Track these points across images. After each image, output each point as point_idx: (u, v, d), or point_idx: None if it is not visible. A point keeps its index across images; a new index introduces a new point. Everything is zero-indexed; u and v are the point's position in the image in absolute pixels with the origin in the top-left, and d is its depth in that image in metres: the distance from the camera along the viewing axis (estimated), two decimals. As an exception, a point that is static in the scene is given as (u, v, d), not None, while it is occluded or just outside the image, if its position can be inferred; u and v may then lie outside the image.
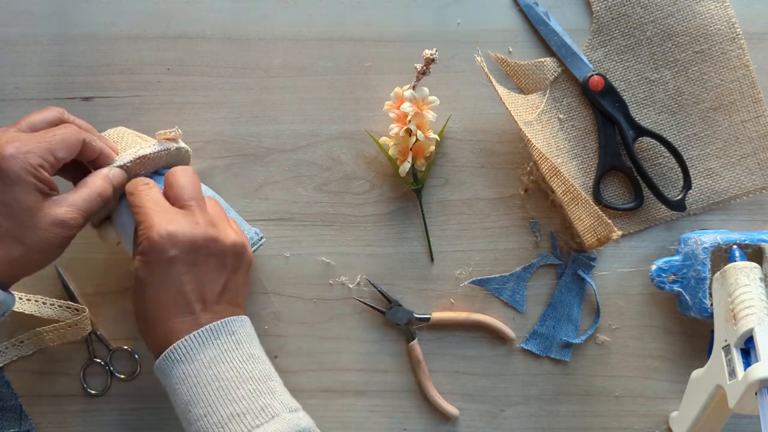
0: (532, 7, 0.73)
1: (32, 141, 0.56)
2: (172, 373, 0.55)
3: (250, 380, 0.55)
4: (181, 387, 0.55)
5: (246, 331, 0.58)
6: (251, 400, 0.54)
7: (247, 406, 0.54)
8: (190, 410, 0.54)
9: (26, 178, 0.54)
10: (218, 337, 0.56)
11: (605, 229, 0.67)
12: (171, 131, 0.64)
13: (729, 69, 0.72)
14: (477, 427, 0.72)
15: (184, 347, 0.55)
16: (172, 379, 0.55)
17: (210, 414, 0.53)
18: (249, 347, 0.57)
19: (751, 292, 0.61)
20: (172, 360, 0.55)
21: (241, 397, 0.54)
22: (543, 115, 0.72)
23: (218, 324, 0.56)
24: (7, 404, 0.70)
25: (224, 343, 0.56)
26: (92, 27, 0.73)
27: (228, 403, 0.54)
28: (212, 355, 0.55)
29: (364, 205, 0.72)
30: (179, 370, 0.55)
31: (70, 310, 0.69)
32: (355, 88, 0.73)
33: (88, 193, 0.58)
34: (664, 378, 0.72)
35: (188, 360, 0.55)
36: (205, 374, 0.54)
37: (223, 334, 0.56)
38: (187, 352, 0.55)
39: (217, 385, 0.54)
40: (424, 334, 0.72)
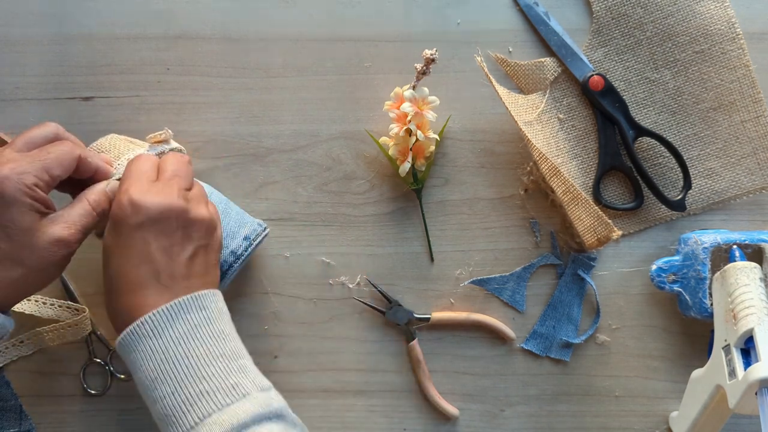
0: (532, 7, 0.73)
1: (26, 161, 0.55)
2: (138, 348, 0.53)
3: (220, 358, 0.54)
4: (148, 363, 0.53)
5: (218, 306, 0.57)
6: (222, 378, 0.53)
7: (217, 384, 0.53)
8: (157, 387, 0.53)
9: (22, 199, 0.54)
10: (188, 312, 0.55)
11: (605, 229, 0.67)
12: (161, 133, 0.64)
13: (729, 69, 0.72)
14: (477, 427, 0.72)
15: (152, 321, 0.53)
16: (138, 355, 0.53)
17: (178, 392, 0.52)
18: (220, 324, 0.56)
19: (751, 292, 0.61)
20: (139, 335, 0.53)
21: (212, 375, 0.53)
22: (543, 115, 0.72)
23: (189, 298, 0.55)
24: (7, 404, 0.70)
25: (195, 319, 0.55)
26: (92, 27, 0.73)
27: (197, 380, 0.52)
28: (182, 331, 0.54)
29: (364, 205, 0.72)
30: (146, 345, 0.53)
31: (70, 310, 0.69)
32: (355, 88, 0.73)
33: (84, 209, 0.58)
34: (664, 378, 0.72)
35: (156, 335, 0.53)
36: (174, 351, 0.53)
37: (194, 309, 0.55)
38: (155, 327, 0.53)
39: (187, 363, 0.53)
40: (424, 334, 0.72)
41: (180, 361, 0.53)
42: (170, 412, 0.52)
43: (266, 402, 0.53)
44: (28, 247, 0.55)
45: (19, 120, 0.72)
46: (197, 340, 0.54)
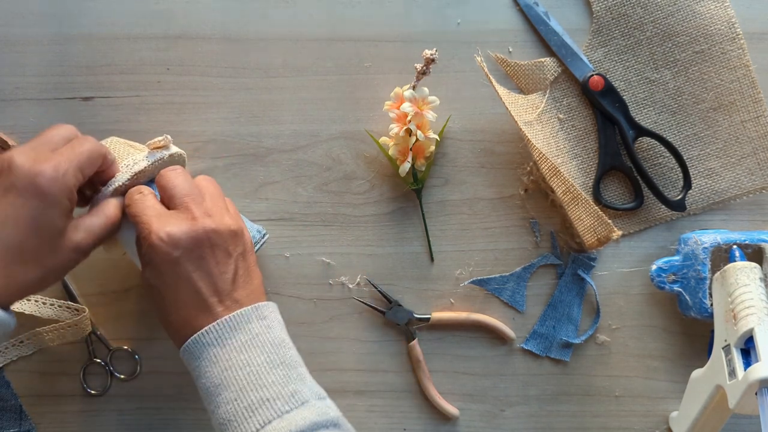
0: (532, 7, 0.73)
1: (64, 160, 0.55)
2: (203, 355, 0.55)
3: (280, 366, 0.55)
4: (212, 369, 0.54)
5: (276, 316, 0.58)
6: (281, 385, 0.54)
7: (277, 391, 0.54)
8: (220, 393, 0.54)
9: (64, 202, 0.54)
10: (249, 322, 0.56)
11: (605, 229, 0.67)
12: (160, 139, 0.64)
13: (729, 69, 0.72)
14: (477, 427, 0.72)
15: (216, 331, 0.55)
16: (203, 362, 0.55)
17: (240, 398, 0.53)
18: (280, 332, 0.57)
19: (751, 292, 0.61)
20: (203, 343, 0.55)
21: (272, 383, 0.54)
22: (543, 115, 0.72)
23: (249, 309, 0.56)
24: (7, 404, 0.70)
25: (255, 328, 0.56)
26: (92, 27, 0.73)
27: (259, 387, 0.54)
28: (244, 340, 0.55)
29: (364, 205, 0.72)
30: (211, 352, 0.55)
31: (70, 310, 0.69)
32: (355, 88, 0.73)
33: (104, 221, 0.58)
34: (664, 378, 0.72)
35: (220, 343, 0.55)
36: (237, 358, 0.54)
37: (254, 318, 0.56)
38: (219, 336, 0.55)
39: (249, 370, 0.54)
40: (424, 334, 0.72)
41: (242, 368, 0.54)
42: (232, 417, 0.53)
43: (324, 411, 0.55)
44: (53, 250, 0.55)
45: (19, 120, 0.72)
46: (258, 348, 0.55)
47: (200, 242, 0.56)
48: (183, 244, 0.56)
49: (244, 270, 0.59)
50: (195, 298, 0.56)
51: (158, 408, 0.71)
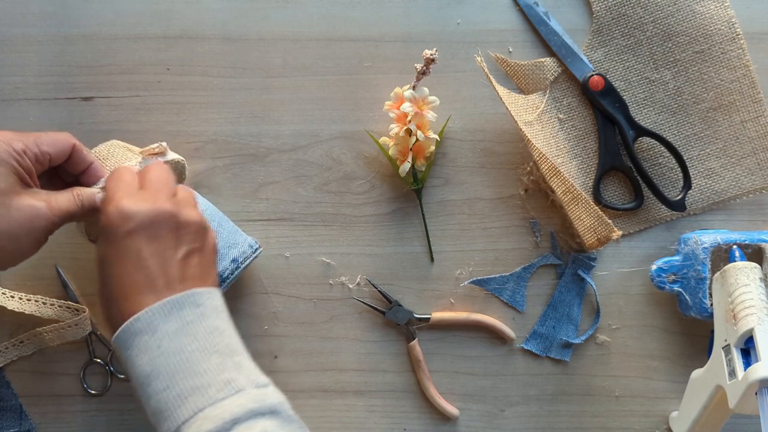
0: (532, 7, 0.73)
1: (20, 133, 0.58)
2: (133, 344, 0.53)
3: (215, 353, 0.53)
4: (142, 358, 0.53)
5: (213, 303, 0.56)
6: (215, 373, 0.52)
7: (210, 379, 0.52)
8: (150, 383, 0.52)
9: (7, 160, 0.55)
10: (182, 308, 0.54)
11: (605, 229, 0.67)
12: (155, 146, 0.64)
13: (729, 69, 0.72)
14: (477, 427, 0.72)
15: (146, 317, 0.53)
16: (133, 351, 0.53)
17: (171, 387, 0.51)
18: (215, 320, 0.55)
19: (751, 292, 0.61)
20: (133, 331, 0.53)
21: (205, 371, 0.52)
22: (543, 115, 0.72)
23: (183, 295, 0.55)
24: (7, 404, 0.70)
25: (188, 315, 0.54)
26: (92, 27, 0.73)
27: (191, 376, 0.52)
28: (176, 327, 0.53)
29: (364, 205, 0.72)
30: (141, 340, 0.53)
31: (70, 310, 0.69)
32: (355, 88, 0.73)
33: (69, 197, 0.59)
34: (664, 378, 0.72)
35: (151, 330, 0.53)
36: (168, 346, 0.52)
37: (188, 305, 0.54)
38: (150, 323, 0.53)
39: (180, 358, 0.52)
40: (424, 334, 0.72)
41: (173, 356, 0.52)
42: (163, 407, 0.51)
43: (260, 398, 0.52)
44: (5, 206, 0.55)
45: (19, 120, 0.72)
46: (190, 336, 0.53)
47: (158, 222, 0.55)
48: (139, 218, 0.55)
49: (199, 264, 0.57)
50: (140, 275, 0.54)
51: (158, 408, 0.71)
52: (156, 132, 0.71)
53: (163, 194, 0.57)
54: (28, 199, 0.56)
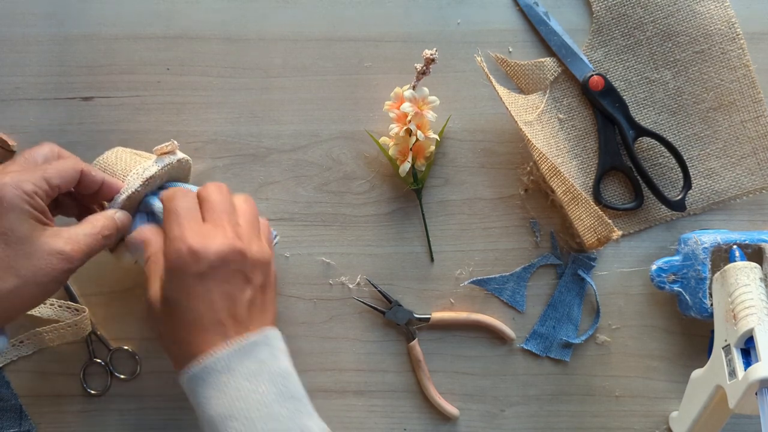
0: (532, 7, 0.73)
1: (26, 171, 0.55)
2: (209, 382, 0.53)
3: (290, 399, 0.54)
4: (220, 399, 0.52)
5: (281, 344, 0.57)
6: (291, 419, 0.53)
7: (287, 425, 0.52)
8: (228, 424, 0.52)
9: (20, 205, 0.54)
10: (256, 349, 0.54)
11: (605, 229, 0.67)
12: (167, 144, 0.64)
13: (729, 69, 0.72)
14: (477, 427, 0.72)
15: (225, 357, 0.53)
16: (208, 390, 0.53)
17: (249, 430, 0.52)
18: (285, 361, 0.56)
19: (751, 292, 0.61)
20: (209, 370, 0.53)
21: (282, 416, 0.53)
22: (543, 115, 0.72)
23: (257, 335, 0.55)
24: (7, 404, 0.70)
25: (261, 355, 0.54)
26: (92, 27, 0.73)
27: (269, 420, 0.52)
28: (252, 368, 0.53)
29: (364, 205, 0.73)
30: (218, 380, 0.53)
31: (70, 310, 0.69)
32: (355, 88, 0.73)
33: (90, 230, 0.57)
34: (664, 378, 0.72)
35: (228, 370, 0.53)
36: (246, 387, 0.53)
37: (261, 345, 0.55)
38: (227, 363, 0.53)
39: (258, 399, 0.52)
40: (424, 334, 0.72)
41: (251, 397, 0.53)
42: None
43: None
44: (25, 256, 0.54)
45: (19, 120, 0.72)
46: (266, 377, 0.54)
47: (227, 262, 0.55)
48: (212, 260, 0.54)
49: (261, 302, 0.57)
50: (211, 317, 0.54)
51: (158, 408, 0.71)
52: (156, 132, 0.71)
53: (230, 226, 0.57)
54: (51, 242, 0.55)
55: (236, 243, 0.56)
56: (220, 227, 0.56)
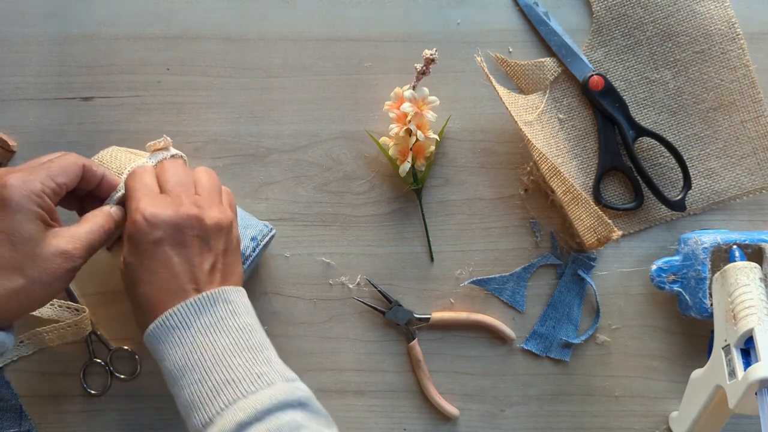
0: (532, 7, 0.73)
1: (31, 170, 0.56)
2: (167, 338, 0.55)
3: (246, 349, 0.55)
4: (176, 352, 0.55)
5: (242, 301, 0.58)
6: (247, 367, 0.54)
7: (242, 373, 0.54)
8: (184, 376, 0.54)
9: (29, 206, 0.54)
10: (214, 305, 0.56)
11: (605, 229, 0.67)
12: (160, 141, 0.64)
13: (729, 69, 0.72)
14: (477, 427, 0.72)
15: (180, 313, 0.55)
16: (167, 345, 0.55)
17: (204, 379, 0.53)
18: (246, 317, 0.57)
19: (751, 292, 0.61)
20: (167, 326, 0.55)
21: (237, 365, 0.54)
22: (543, 115, 0.72)
23: (215, 292, 0.56)
24: (7, 404, 0.70)
25: (220, 311, 0.56)
26: (92, 27, 0.73)
27: (224, 369, 0.54)
28: (208, 322, 0.55)
29: (364, 205, 0.73)
30: (175, 335, 0.55)
31: (70, 310, 0.69)
32: (355, 88, 0.73)
33: (90, 227, 0.58)
34: (664, 378, 0.72)
35: (185, 326, 0.55)
36: (201, 341, 0.55)
37: (220, 302, 0.56)
38: (183, 319, 0.55)
39: (213, 352, 0.54)
40: (424, 334, 0.72)
41: (207, 350, 0.54)
42: (196, 398, 0.53)
43: (290, 390, 0.54)
44: (31, 257, 0.55)
45: (19, 120, 0.72)
46: (223, 331, 0.55)
47: (182, 228, 0.57)
48: (165, 226, 0.56)
49: (223, 265, 0.59)
50: (171, 282, 0.56)
51: (158, 408, 0.71)
52: (156, 132, 0.71)
53: (185, 195, 0.59)
54: (55, 243, 0.56)
55: (191, 210, 0.57)
56: (176, 197, 0.58)
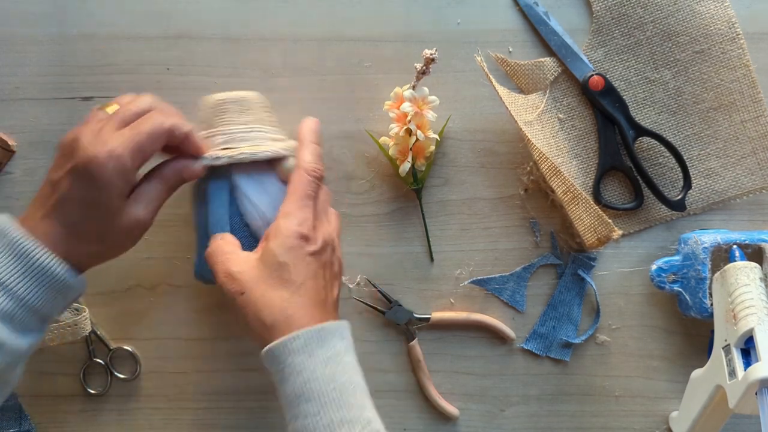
0: (532, 7, 0.73)
1: (123, 141, 0.56)
2: (287, 362, 0.54)
3: (359, 389, 0.56)
4: (296, 379, 0.54)
5: (351, 340, 0.58)
6: (360, 410, 0.54)
7: (357, 415, 0.54)
8: (300, 404, 0.54)
9: (117, 183, 0.55)
10: (333, 338, 0.56)
11: (605, 229, 0.67)
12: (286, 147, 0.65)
13: (729, 69, 0.72)
14: (477, 427, 0.72)
15: (304, 339, 0.55)
16: (287, 368, 0.54)
17: (322, 414, 0.53)
18: (353, 356, 0.58)
19: (751, 292, 0.61)
20: (290, 349, 0.54)
21: (353, 405, 0.54)
22: (543, 115, 0.72)
23: (336, 325, 0.57)
24: (7, 404, 0.70)
25: (338, 345, 0.56)
26: (92, 27, 0.73)
27: (340, 407, 0.53)
28: (328, 355, 0.55)
29: (364, 205, 0.72)
30: (297, 360, 0.54)
31: (70, 310, 0.69)
32: (355, 88, 0.73)
33: (162, 188, 0.60)
34: (664, 378, 0.72)
35: (307, 353, 0.54)
36: (322, 372, 0.54)
37: (337, 336, 0.56)
38: (306, 345, 0.55)
39: (332, 387, 0.54)
40: (424, 334, 0.72)
41: (326, 383, 0.54)
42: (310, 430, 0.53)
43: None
44: (112, 227, 0.57)
45: (19, 120, 0.72)
46: (340, 366, 0.55)
47: (328, 248, 0.59)
48: (322, 242, 0.59)
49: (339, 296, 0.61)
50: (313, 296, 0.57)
51: (158, 408, 0.71)
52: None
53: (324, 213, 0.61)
54: (133, 212, 0.58)
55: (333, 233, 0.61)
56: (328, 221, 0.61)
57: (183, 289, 0.71)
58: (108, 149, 0.55)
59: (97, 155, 0.54)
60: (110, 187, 0.55)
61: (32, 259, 0.54)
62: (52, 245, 0.55)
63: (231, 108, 0.64)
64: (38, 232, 0.55)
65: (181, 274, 0.71)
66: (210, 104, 0.64)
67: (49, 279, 0.55)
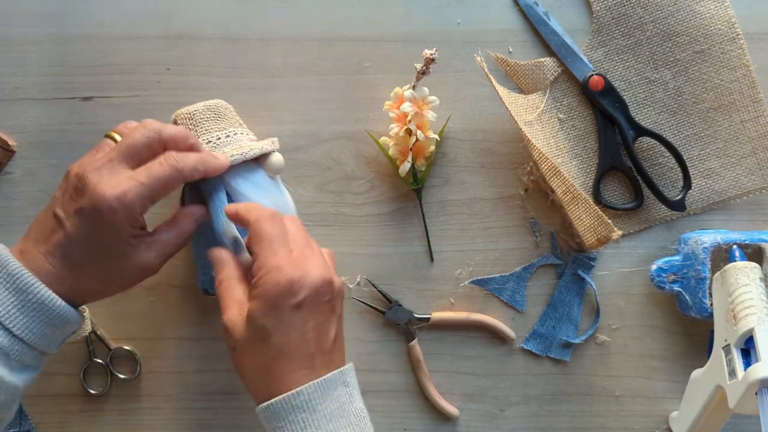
0: (532, 7, 0.73)
1: (135, 187, 0.54)
2: (290, 418, 0.53)
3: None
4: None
5: (355, 382, 0.57)
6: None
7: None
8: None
9: (122, 225, 0.54)
10: (335, 389, 0.55)
11: (605, 229, 0.67)
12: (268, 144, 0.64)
13: (729, 69, 0.72)
14: (477, 427, 0.72)
15: (306, 395, 0.53)
16: (288, 425, 0.53)
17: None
18: (359, 401, 0.56)
19: (751, 292, 0.61)
20: (292, 406, 0.53)
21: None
22: (543, 115, 0.72)
23: (335, 374, 0.55)
24: (7, 404, 0.70)
25: (341, 396, 0.55)
26: (92, 27, 0.73)
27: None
28: (332, 408, 0.54)
29: (364, 205, 0.72)
30: (299, 417, 0.53)
31: (70, 310, 0.69)
32: (355, 88, 0.73)
33: (177, 238, 0.59)
34: (664, 378, 0.72)
35: (310, 409, 0.53)
36: (325, 427, 0.53)
37: (340, 385, 0.55)
38: (309, 401, 0.53)
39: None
40: (424, 334, 0.72)
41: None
42: None
43: None
44: (117, 270, 0.56)
45: (19, 120, 0.72)
46: (344, 419, 0.54)
47: (321, 294, 0.55)
48: (307, 289, 0.54)
49: (340, 332, 0.58)
50: (303, 349, 0.54)
51: (158, 408, 0.71)
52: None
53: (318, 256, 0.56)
54: (143, 258, 0.57)
55: (326, 273, 0.56)
56: (314, 257, 0.56)
57: (183, 289, 0.71)
58: (118, 194, 0.54)
59: (107, 199, 0.53)
60: (119, 232, 0.55)
61: (30, 294, 0.54)
62: (55, 283, 0.54)
63: (205, 116, 0.64)
64: (40, 267, 0.54)
65: (181, 274, 0.71)
66: (184, 117, 0.64)
67: (47, 315, 0.54)
